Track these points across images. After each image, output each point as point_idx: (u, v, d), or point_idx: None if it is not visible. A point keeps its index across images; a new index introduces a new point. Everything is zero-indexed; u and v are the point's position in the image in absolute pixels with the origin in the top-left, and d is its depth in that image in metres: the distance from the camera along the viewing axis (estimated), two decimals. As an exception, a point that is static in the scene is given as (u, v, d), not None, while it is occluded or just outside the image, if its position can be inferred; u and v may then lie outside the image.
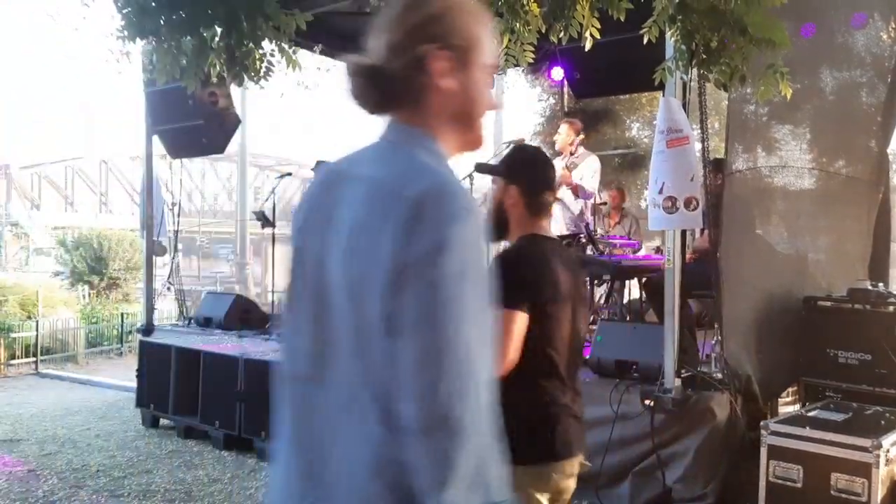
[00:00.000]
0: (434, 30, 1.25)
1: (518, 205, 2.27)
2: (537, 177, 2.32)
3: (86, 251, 16.67)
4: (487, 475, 1.07)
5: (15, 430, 6.35)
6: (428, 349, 1.06)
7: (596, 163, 6.51)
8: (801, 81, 5.02)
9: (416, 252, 1.07)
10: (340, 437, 1.17)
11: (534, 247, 2.26)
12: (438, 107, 1.26)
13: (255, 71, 3.32)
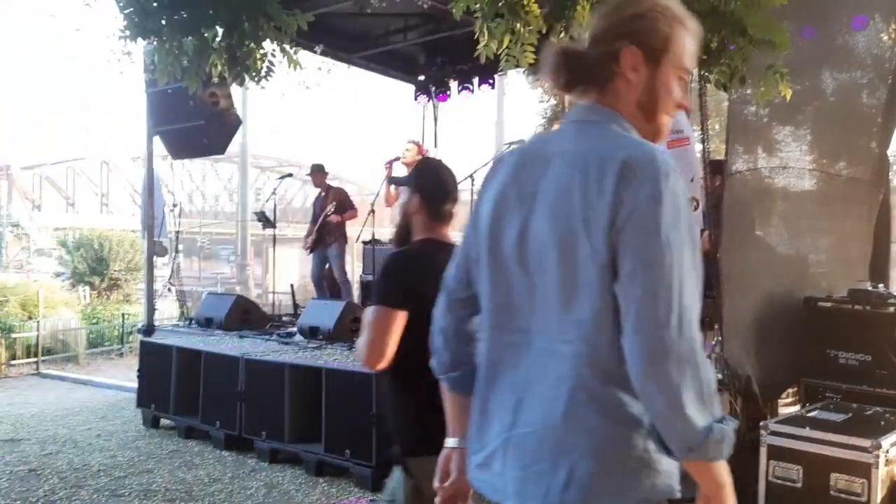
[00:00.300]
0: (633, 28, 1.40)
1: (420, 212, 2.47)
2: (438, 187, 2.51)
3: (87, 252, 16.69)
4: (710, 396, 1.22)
5: (16, 430, 6.36)
6: (652, 289, 1.22)
7: None
8: (801, 83, 5.02)
9: (633, 204, 1.24)
10: (544, 377, 1.33)
11: (427, 251, 2.41)
12: (623, 94, 1.41)
13: (256, 71, 3.33)
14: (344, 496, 4.56)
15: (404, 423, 2.37)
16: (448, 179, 2.58)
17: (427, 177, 2.57)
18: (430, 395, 2.16)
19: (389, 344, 2.26)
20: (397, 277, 2.35)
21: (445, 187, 2.54)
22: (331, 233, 8.13)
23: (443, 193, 2.52)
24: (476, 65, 8.91)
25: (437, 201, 2.50)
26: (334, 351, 5.75)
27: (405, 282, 2.31)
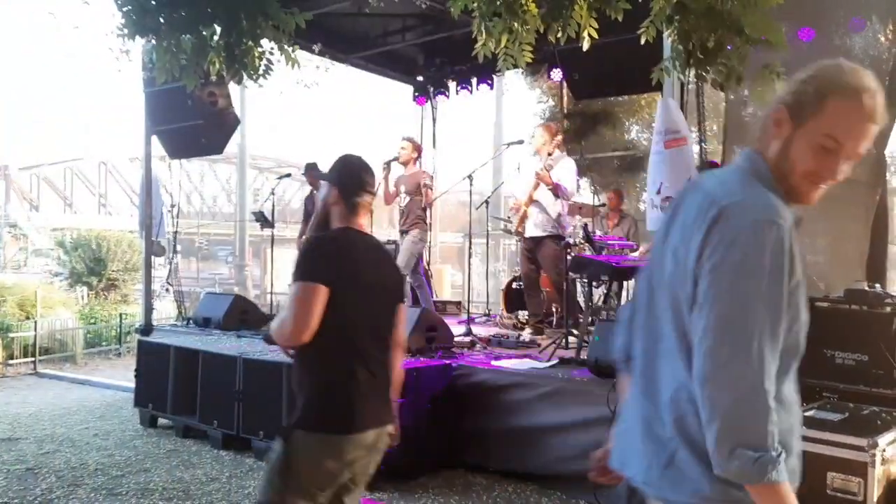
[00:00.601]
0: (795, 95, 1.53)
1: (338, 203, 2.64)
2: (354, 181, 2.67)
3: (84, 252, 16.67)
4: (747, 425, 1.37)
5: (13, 429, 6.35)
6: (712, 320, 1.41)
7: (571, 164, 6.57)
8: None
9: (712, 245, 1.43)
10: (664, 374, 1.57)
11: (342, 237, 2.59)
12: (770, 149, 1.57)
13: (254, 69, 3.34)
14: (341, 495, 4.56)
15: (303, 400, 2.48)
16: (364, 174, 2.72)
17: (345, 172, 2.72)
18: (328, 377, 2.47)
19: (314, 316, 2.37)
20: (316, 257, 2.49)
21: (361, 181, 2.69)
22: None
23: (359, 187, 2.67)
24: (474, 65, 8.95)
25: (353, 194, 2.65)
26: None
27: (324, 262, 2.46)
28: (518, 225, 6.55)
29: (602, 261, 5.91)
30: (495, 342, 6.29)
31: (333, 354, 2.45)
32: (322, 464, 2.41)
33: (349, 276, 2.48)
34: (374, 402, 2.52)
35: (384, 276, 2.67)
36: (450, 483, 4.79)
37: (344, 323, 2.44)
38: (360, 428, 2.44)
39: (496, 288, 9.55)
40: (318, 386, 2.46)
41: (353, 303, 2.46)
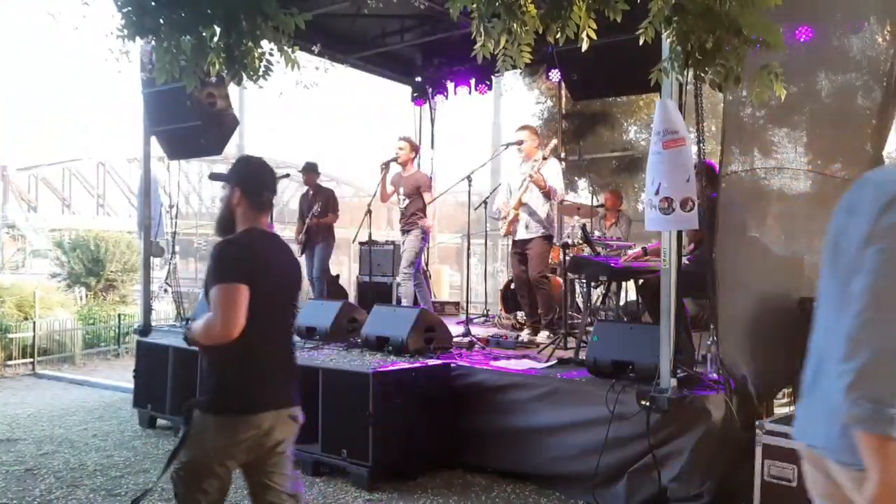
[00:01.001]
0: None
1: (241, 204, 2.78)
2: (256, 181, 2.82)
3: (83, 253, 16.65)
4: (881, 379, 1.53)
5: (12, 430, 6.35)
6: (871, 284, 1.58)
7: (557, 165, 6.58)
8: (797, 84, 5.05)
9: (878, 227, 1.61)
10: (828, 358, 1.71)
11: (249, 238, 2.76)
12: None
13: (253, 70, 3.34)
14: (340, 496, 4.57)
15: (206, 385, 2.75)
16: (265, 174, 2.89)
17: (245, 172, 2.85)
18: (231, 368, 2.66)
19: (242, 314, 2.57)
20: (232, 259, 2.67)
21: (263, 181, 2.85)
22: (318, 232, 8.22)
23: (260, 186, 2.82)
24: (473, 66, 8.96)
25: (255, 194, 2.80)
26: (331, 351, 5.77)
27: (238, 263, 2.65)
28: (507, 228, 6.55)
29: (600, 261, 5.92)
30: (494, 342, 6.30)
31: (237, 345, 2.60)
32: (218, 442, 2.63)
33: (257, 274, 2.66)
34: (272, 386, 2.73)
35: (287, 270, 2.88)
36: (448, 483, 4.80)
37: (252, 318, 2.62)
38: (254, 410, 2.65)
39: (494, 288, 9.55)
40: (221, 373, 2.69)
41: (261, 297, 2.65)
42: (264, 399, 2.69)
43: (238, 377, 2.67)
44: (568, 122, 11.38)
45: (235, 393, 2.67)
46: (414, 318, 5.63)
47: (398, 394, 4.80)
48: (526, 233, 6.45)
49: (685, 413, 4.13)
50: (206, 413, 2.66)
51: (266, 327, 2.70)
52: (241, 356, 2.66)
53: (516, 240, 6.57)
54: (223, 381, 2.69)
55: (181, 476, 2.68)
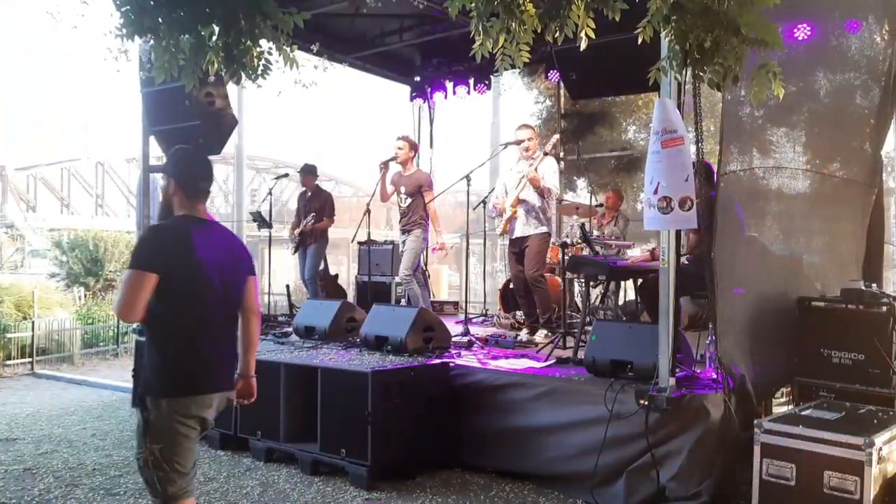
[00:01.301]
0: None
1: (177, 193, 2.95)
2: (191, 170, 2.99)
3: (82, 253, 16.66)
4: None
5: (11, 429, 6.35)
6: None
7: (554, 163, 6.56)
8: (796, 84, 5.05)
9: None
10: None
11: (178, 225, 2.92)
12: None
13: (252, 69, 3.34)
14: (339, 495, 4.57)
15: (151, 370, 2.88)
16: (199, 164, 3.04)
17: (180, 163, 3.04)
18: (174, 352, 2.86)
19: (140, 301, 2.74)
20: (149, 245, 2.88)
21: (196, 171, 3.01)
22: (312, 234, 8.22)
23: (194, 176, 2.98)
24: (472, 65, 8.96)
25: (189, 183, 2.96)
26: (330, 350, 5.77)
27: (156, 250, 2.83)
28: (504, 227, 6.54)
29: (599, 260, 5.92)
30: (492, 342, 6.30)
31: (176, 330, 2.85)
32: (176, 422, 2.81)
33: (184, 260, 2.83)
34: (216, 370, 2.96)
35: (225, 255, 2.98)
36: (447, 483, 4.80)
37: (183, 301, 2.83)
38: (202, 391, 2.89)
39: (493, 288, 9.55)
40: (166, 356, 2.86)
41: (190, 283, 2.84)
42: (212, 380, 2.94)
43: (182, 359, 2.87)
44: (567, 122, 11.38)
45: (185, 375, 2.86)
46: (413, 318, 5.63)
47: (397, 393, 4.80)
48: (523, 230, 6.44)
49: (684, 412, 4.13)
50: (160, 398, 2.82)
51: (200, 310, 2.88)
52: (180, 338, 2.86)
53: (513, 238, 6.56)
54: (168, 364, 2.86)
55: (148, 461, 2.83)
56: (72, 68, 70.06)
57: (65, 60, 79.27)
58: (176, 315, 2.84)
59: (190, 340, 2.87)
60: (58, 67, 76.62)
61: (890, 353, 4.41)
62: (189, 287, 2.83)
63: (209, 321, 2.92)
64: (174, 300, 2.82)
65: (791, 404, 4.79)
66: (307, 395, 5.06)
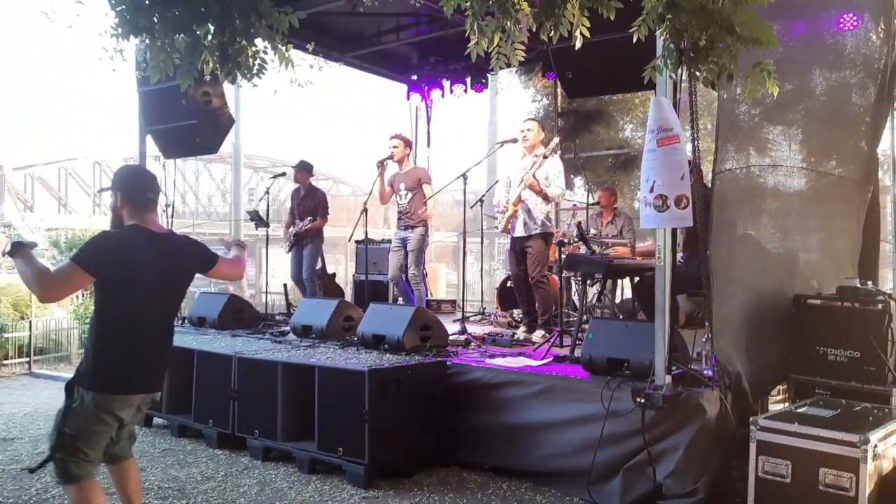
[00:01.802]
0: None
1: (125, 205, 3.20)
2: (134, 185, 3.24)
3: (79, 252, 16.65)
4: None
5: (9, 429, 6.34)
6: None
7: (560, 164, 6.55)
8: (792, 82, 5.07)
9: None
10: None
11: (124, 234, 3.16)
12: None
13: (247, 68, 3.34)
14: (336, 493, 4.57)
15: (85, 362, 3.14)
16: (142, 178, 3.31)
17: (126, 179, 3.29)
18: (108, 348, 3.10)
19: (65, 292, 3.07)
20: (93, 248, 3.05)
21: (140, 185, 3.25)
22: (306, 235, 8.21)
23: (138, 189, 3.23)
24: (468, 64, 8.97)
25: (135, 194, 3.21)
26: (327, 349, 5.78)
27: (100, 254, 3.03)
28: (505, 225, 6.53)
29: (596, 259, 5.93)
30: (490, 340, 6.30)
31: (113, 331, 3.11)
32: (96, 415, 3.09)
33: (124, 266, 3.06)
34: (145, 371, 3.21)
35: (169, 262, 3.21)
36: (444, 480, 4.81)
37: (121, 304, 3.09)
38: (129, 391, 3.15)
39: (491, 287, 9.57)
40: (98, 354, 3.10)
41: (127, 290, 3.08)
42: (138, 382, 3.20)
43: (113, 359, 3.11)
44: (563, 120, 11.39)
45: (113, 374, 3.10)
46: (410, 317, 5.64)
47: (394, 392, 4.81)
48: (524, 230, 6.44)
49: (680, 410, 4.15)
50: (88, 390, 3.09)
51: (135, 315, 3.13)
52: (113, 339, 3.12)
53: (515, 237, 6.55)
54: (99, 361, 3.10)
55: (61, 443, 3.11)
56: (68, 68, 69.94)
57: (61, 60, 79.16)
58: (111, 316, 3.11)
59: (121, 341, 3.12)
60: (54, 67, 76.51)
61: (885, 350, 4.43)
62: (126, 294, 3.08)
63: (142, 326, 3.16)
64: (110, 302, 3.10)
65: (787, 402, 4.81)
66: (305, 394, 5.07)
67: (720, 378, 4.26)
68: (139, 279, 3.08)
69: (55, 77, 69.63)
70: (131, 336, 3.13)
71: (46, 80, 67.76)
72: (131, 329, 3.12)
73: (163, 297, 3.23)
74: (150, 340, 3.23)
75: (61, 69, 75.37)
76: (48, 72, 69.34)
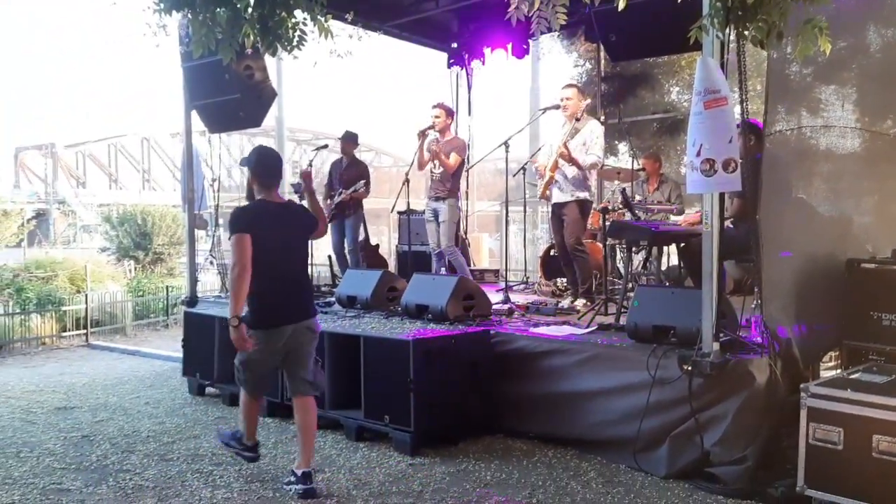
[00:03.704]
0: None
1: (254, 183, 4.13)
2: (264, 168, 4.14)
3: (130, 227, 17.04)
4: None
5: (69, 398, 6.59)
6: None
7: (599, 127, 6.43)
8: (846, 39, 4.88)
9: None
10: None
11: (257, 205, 4.13)
12: None
13: (287, 40, 3.35)
14: (384, 460, 4.65)
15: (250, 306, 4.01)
16: (272, 162, 4.19)
17: (253, 162, 4.12)
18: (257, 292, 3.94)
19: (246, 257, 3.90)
20: (241, 218, 3.99)
21: (269, 167, 4.16)
22: (348, 206, 8.21)
23: (268, 171, 4.15)
24: (509, 30, 8.82)
25: (264, 176, 4.12)
26: (372, 319, 5.83)
27: (246, 220, 4.00)
28: (543, 191, 6.48)
29: (641, 226, 5.85)
30: (533, 309, 6.30)
31: (260, 277, 3.94)
32: (259, 347, 4.03)
33: (259, 233, 3.95)
34: (287, 307, 4.09)
35: (290, 224, 4.15)
36: (490, 448, 4.85)
37: (263, 257, 3.93)
38: (276, 324, 4.04)
39: (534, 255, 9.52)
40: (249, 296, 3.93)
41: (267, 244, 3.95)
42: (283, 317, 4.06)
43: (263, 301, 4.01)
44: (607, 85, 11.18)
45: (264, 313, 4.03)
46: (453, 286, 5.65)
47: (439, 361, 4.84)
48: (561, 196, 6.39)
49: (728, 377, 4.09)
50: (250, 328, 3.98)
51: (275, 264, 4.01)
52: (263, 286, 3.97)
53: (553, 203, 6.52)
54: (255, 305, 4.00)
55: (239, 367, 4.18)
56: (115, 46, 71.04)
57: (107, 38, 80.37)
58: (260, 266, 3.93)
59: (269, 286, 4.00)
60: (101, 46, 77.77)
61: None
62: (267, 247, 3.95)
63: (282, 271, 4.07)
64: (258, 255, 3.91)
65: (839, 368, 4.70)
66: (351, 363, 5.14)
67: (770, 345, 4.19)
68: (276, 235, 4.02)
69: (102, 56, 70.83)
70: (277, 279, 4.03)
71: (95, 57, 69.05)
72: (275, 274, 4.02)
73: (298, 246, 4.22)
74: (293, 280, 4.14)
75: (107, 47, 76.61)
76: (96, 49, 70.59)
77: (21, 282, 11.64)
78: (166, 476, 4.40)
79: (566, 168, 6.29)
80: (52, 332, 10.22)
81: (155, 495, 4.09)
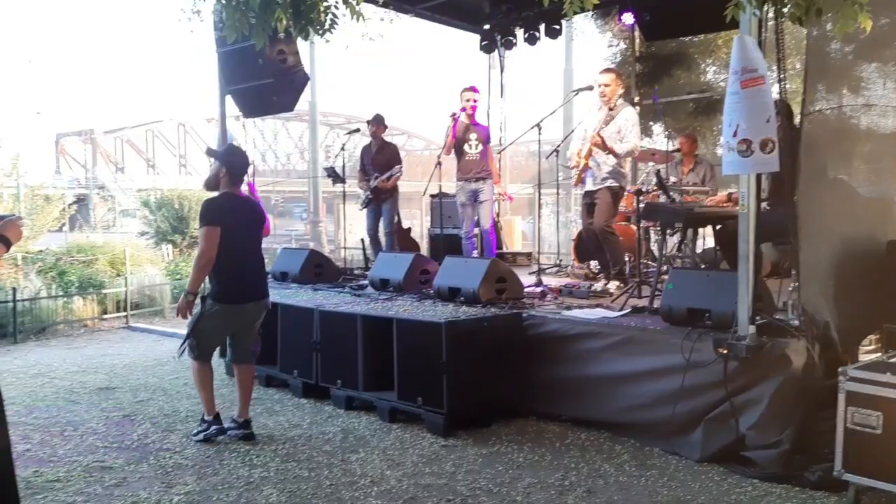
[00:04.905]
0: None
1: (225, 176, 4.67)
2: (234, 163, 4.70)
3: (168, 212, 17.28)
4: None
5: (110, 379, 6.75)
6: None
7: (634, 115, 6.36)
8: (889, 16, 4.74)
9: None
10: None
11: (224, 199, 4.66)
12: None
13: (319, 24, 3.36)
14: (417, 441, 4.70)
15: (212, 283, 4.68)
16: (243, 160, 4.78)
17: (232, 157, 4.73)
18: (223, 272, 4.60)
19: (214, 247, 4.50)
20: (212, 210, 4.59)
21: (241, 165, 4.74)
22: (385, 190, 8.23)
23: (240, 168, 4.73)
24: (541, 10, 8.75)
25: (236, 172, 4.69)
26: (404, 302, 5.87)
27: (218, 213, 4.56)
28: (578, 178, 6.45)
29: (676, 207, 5.78)
30: (566, 292, 6.27)
31: (224, 260, 4.53)
32: (219, 318, 4.66)
33: (226, 224, 4.53)
34: (250, 286, 4.74)
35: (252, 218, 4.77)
36: (522, 430, 4.87)
37: (231, 246, 4.52)
38: (240, 301, 4.70)
39: (567, 238, 9.47)
40: (218, 276, 4.60)
41: (235, 233, 4.55)
42: (246, 296, 4.72)
43: (229, 280, 4.63)
44: (642, 65, 11.01)
45: (231, 291, 4.65)
46: (485, 269, 5.66)
47: (471, 343, 4.86)
48: (593, 184, 6.36)
49: (764, 360, 4.05)
50: (214, 302, 4.62)
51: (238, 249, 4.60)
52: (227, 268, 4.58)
53: (586, 190, 6.50)
54: (221, 283, 4.63)
55: (196, 336, 4.68)
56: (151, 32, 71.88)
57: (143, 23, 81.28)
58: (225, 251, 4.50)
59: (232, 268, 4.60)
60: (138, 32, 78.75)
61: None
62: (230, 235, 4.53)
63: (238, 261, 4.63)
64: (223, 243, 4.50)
65: (879, 352, 4.62)
66: (384, 346, 5.18)
67: (807, 328, 4.12)
68: (239, 226, 4.60)
69: (139, 42, 71.70)
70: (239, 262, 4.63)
71: (132, 43, 69.94)
72: (237, 258, 4.59)
73: (255, 236, 4.79)
74: (252, 262, 4.77)
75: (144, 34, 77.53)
76: (133, 36, 71.50)
77: (63, 265, 11.89)
78: (205, 455, 4.50)
79: (599, 156, 6.25)
80: (93, 314, 10.46)
81: (194, 473, 4.18)
